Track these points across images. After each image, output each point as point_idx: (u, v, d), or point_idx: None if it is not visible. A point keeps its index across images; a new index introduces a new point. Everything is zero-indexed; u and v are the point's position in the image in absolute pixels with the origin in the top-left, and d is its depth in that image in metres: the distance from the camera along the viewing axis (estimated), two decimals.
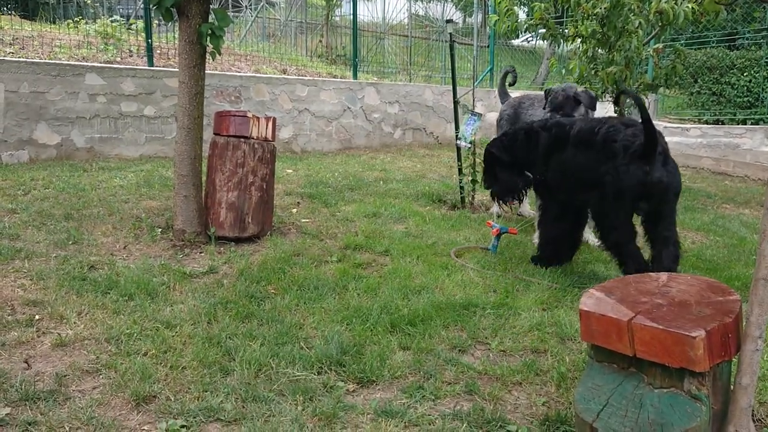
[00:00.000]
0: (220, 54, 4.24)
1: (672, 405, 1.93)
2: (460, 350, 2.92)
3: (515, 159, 4.21)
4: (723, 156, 8.69)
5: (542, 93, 5.47)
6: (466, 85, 9.97)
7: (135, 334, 2.82)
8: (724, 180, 8.39)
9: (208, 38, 4.04)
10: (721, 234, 5.34)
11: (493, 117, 11.50)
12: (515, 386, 2.61)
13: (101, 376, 2.49)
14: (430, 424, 2.27)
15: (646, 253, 3.74)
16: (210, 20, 4.17)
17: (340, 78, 9.90)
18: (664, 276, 2.30)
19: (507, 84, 6.02)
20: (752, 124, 9.11)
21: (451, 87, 6.45)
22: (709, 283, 2.19)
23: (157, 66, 7.76)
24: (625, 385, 2.04)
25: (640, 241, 3.72)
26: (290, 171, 6.92)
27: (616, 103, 4.05)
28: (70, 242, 4.05)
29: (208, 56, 4.23)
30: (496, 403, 2.46)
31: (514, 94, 6.60)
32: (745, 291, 3.85)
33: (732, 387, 1.97)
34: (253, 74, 8.52)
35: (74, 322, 2.94)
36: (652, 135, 3.45)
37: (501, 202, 4.49)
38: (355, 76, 9.90)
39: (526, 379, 2.65)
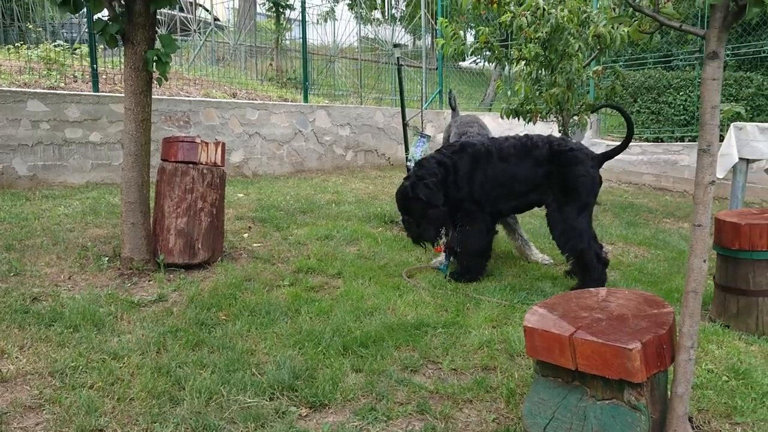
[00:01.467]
0: (166, 80, 4.22)
1: (614, 416, 2.01)
2: (412, 370, 2.94)
3: (447, 194, 4.31)
4: (663, 172, 9.04)
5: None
6: (416, 107, 10.14)
7: (80, 367, 2.75)
8: (665, 195, 8.72)
9: (155, 64, 4.01)
10: (662, 248, 5.55)
11: (440, 139, 11.70)
12: (466, 404, 2.65)
13: (45, 412, 2.42)
14: None
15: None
16: (156, 46, 4.15)
17: (291, 101, 9.92)
18: (603, 291, 2.39)
19: (453, 107, 6.20)
20: (689, 141, 9.52)
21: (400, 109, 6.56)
22: (645, 296, 2.29)
23: (102, 91, 7.64)
24: (570, 399, 2.11)
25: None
26: (241, 195, 6.87)
27: (593, 111, 4.51)
28: (12, 274, 3.93)
29: (154, 82, 4.20)
30: (447, 421, 2.49)
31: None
32: None
33: (669, 396, 2.06)
34: (203, 98, 8.47)
35: (16, 357, 2.85)
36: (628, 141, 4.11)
37: (433, 244, 4.52)
38: (305, 99, 9.94)
39: (476, 396, 2.70)
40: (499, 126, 10.29)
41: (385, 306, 3.74)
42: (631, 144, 10.02)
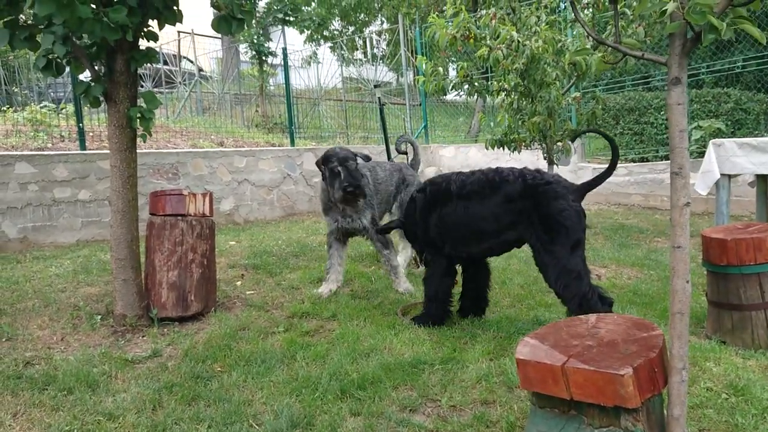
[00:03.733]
0: (150, 135, 4.27)
1: None
2: (410, 410, 2.92)
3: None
4: (651, 191, 9.11)
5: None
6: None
7: (75, 430, 2.71)
8: (654, 214, 8.77)
9: (138, 121, 4.06)
10: (654, 267, 5.57)
11: (429, 172, 11.79)
12: None
13: None
14: None
15: None
16: (139, 103, 4.21)
17: (278, 146, 10.02)
18: (593, 318, 2.39)
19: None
20: None
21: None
22: (633, 320, 2.29)
23: (90, 149, 7.70)
24: (568, 429, 2.10)
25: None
26: (233, 243, 6.88)
27: (572, 139, 4.07)
28: (4, 339, 3.90)
29: (139, 138, 4.24)
30: None
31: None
32: None
33: (666, 419, 2.05)
34: (190, 149, 8.54)
35: (9, 425, 2.81)
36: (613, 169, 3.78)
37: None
38: (292, 143, 10.04)
39: None
40: (486, 156, 10.40)
41: (382, 346, 3.72)
42: (617, 166, 10.14)
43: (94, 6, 3.51)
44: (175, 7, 4.07)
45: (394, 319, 4.23)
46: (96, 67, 4.07)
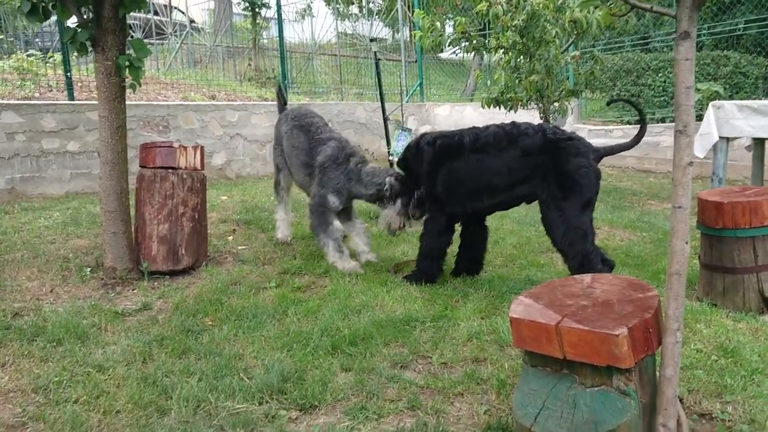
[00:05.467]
0: (140, 85, 4.16)
1: (603, 402, 1.99)
2: (401, 366, 2.93)
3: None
4: (645, 154, 9.07)
5: (301, 106, 5.18)
6: (397, 101, 10.10)
7: (64, 382, 2.70)
8: (648, 177, 8.76)
9: (127, 70, 3.95)
10: (647, 230, 5.56)
11: (425, 130, 11.68)
12: (457, 397, 2.63)
13: (28, 430, 2.38)
14: None
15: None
16: (128, 51, 4.09)
17: (271, 101, 9.85)
18: (588, 278, 2.37)
19: (282, 102, 5.31)
20: (670, 122, 9.55)
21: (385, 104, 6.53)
22: (629, 281, 2.28)
23: (78, 99, 7.54)
24: (559, 387, 2.10)
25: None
26: (225, 198, 6.81)
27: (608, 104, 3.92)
28: None
29: (129, 88, 4.13)
30: (438, 416, 2.47)
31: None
32: None
33: (658, 379, 2.05)
34: (181, 102, 8.38)
35: None
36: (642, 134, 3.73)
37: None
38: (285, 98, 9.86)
39: (467, 389, 2.68)
40: (481, 116, 10.28)
41: (373, 303, 3.71)
42: (612, 127, 10.07)
43: None
44: None
45: (386, 277, 4.21)
46: (83, 13, 3.92)
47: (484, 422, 2.41)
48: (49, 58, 8.74)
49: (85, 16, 3.93)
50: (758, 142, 5.22)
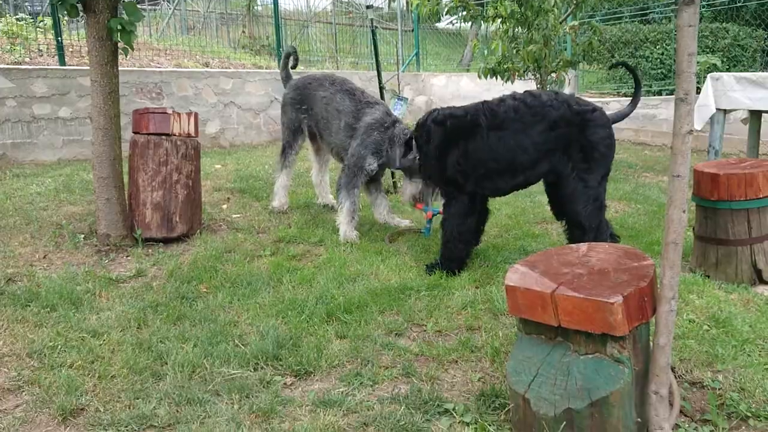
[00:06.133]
0: (132, 50, 4.09)
1: (597, 370, 2.01)
2: (396, 334, 2.94)
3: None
4: (642, 127, 9.04)
5: (330, 73, 5.18)
6: (393, 70, 10.00)
7: (59, 347, 2.70)
8: (644, 150, 8.74)
9: (119, 34, 3.88)
10: (642, 202, 5.57)
11: (421, 100, 11.59)
12: (451, 365, 2.65)
13: (24, 393, 2.38)
14: (368, 410, 2.28)
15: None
16: (120, 15, 4.01)
17: (266, 68, 9.73)
18: (584, 246, 2.37)
19: (290, 66, 5.27)
20: (667, 94, 9.51)
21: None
22: (625, 250, 2.28)
23: (69, 65, 7.42)
24: (553, 355, 2.11)
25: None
26: (219, 166, 6.77)
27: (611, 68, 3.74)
28: None
29: (121, 52, 4.06)
30: (433, 383, 2.49)
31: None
32: None
33: (651, 347, 2.07)
34: (174, 69, 8.27)
35: None
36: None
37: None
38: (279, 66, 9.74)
39: (461, 356, 2.70)
40: (478, 86, 10.21)
41: (368, 271, 3.72)
42: (609, 100, 10.02)
43: None
44: None
45: (382, 246, 4.21)
46: None
47: (478, 389, 2.43)
48: (39, 22, 8.58)
49: None
50: (754, 115, 5.20)
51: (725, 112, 4.53)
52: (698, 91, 5.11)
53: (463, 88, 11.06)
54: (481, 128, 3.56)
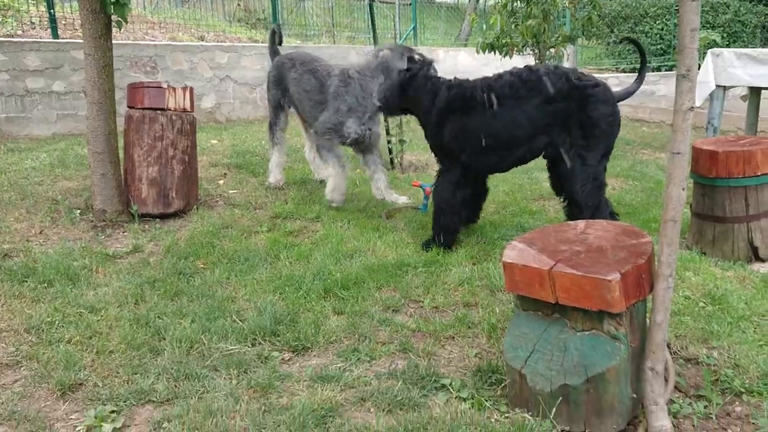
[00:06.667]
0: (126, 23, 4.02)
1: (594, 346, 2.02)
2: (393, 310, 2.95)
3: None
4: (640, 103, 9.00)
5: (303, 52, 5.04)
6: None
7: (57, 322, 2.70)
8: (642, 126, 8.71)
9: (112, 6, 3.81)
10: (639, 179, 5.56)
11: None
12: (448, 341, 2.67)
13: (22, 368, 2.39)
14: (366, 385, 2.30)
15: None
16: None
17: (262, 43, 9.61)
18: (582, 224, 2.37)
19: (276, 43, 5.25)
20: (666, 70, 9.46)
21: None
22: (623, 227, 2.28)
23: (63, 38, 7.32)
24: (550, 331, 2.12)
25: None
26: (215, 141, 6.72)
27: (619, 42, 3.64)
28: None
29: (114, 26, 4.00)
30: (430, 358, 2.50)
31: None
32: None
33: (648, 324, 2.07)
34: (169, 42, 8.16)
35: None
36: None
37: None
38: None
39: (458, 332, 2.71)
40: (476, 61, 10.12)
41: (366, 248, 3.71)
42: (607, 75, 9.94)
43: None
44: None
45: (379, 222, 4.21)
46: None
47: (475, 365, 2.45)
48: None
49: None
50: (754, 92, 5.17)
51: (725, 88, 4.50)
52: (698, 66, 5.05)
53: (461, 63, 10.97)
54: (478, 103, 3.53)
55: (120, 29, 4.04)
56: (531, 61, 7.44)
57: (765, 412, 2.12)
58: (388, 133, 5.91)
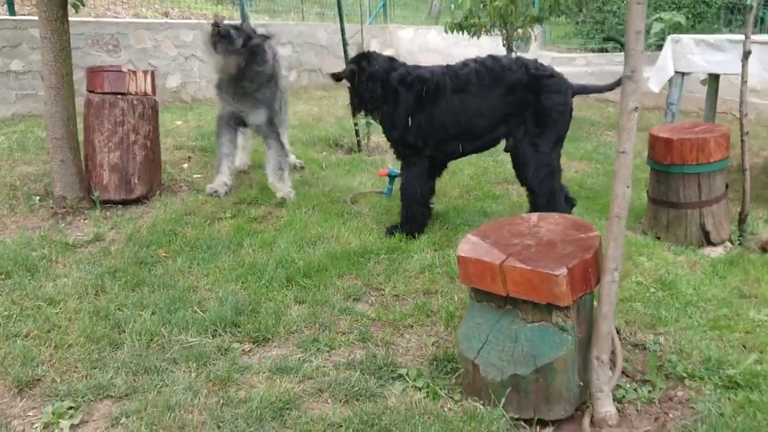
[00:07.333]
0: (83, 5, 3.93)
1: (543, 337, 2.09)
2: (354, 299, 2.99)
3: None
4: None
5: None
6: (358, 22, 9.80)
7: (14, 316, 2.68)
8: (608, 107, 8.81)
9: None
10: (602, 162, 5.66)
11: (387, 54, 11.42)
12: (407, 329, 2.72)
13: None
14: (324, 376, 2.34)
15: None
16: None
17: (229, 19, 9.44)
18: (534, 217, 2.43)
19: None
20: None
21: (346, 25, 6.30)
22: (573, 221, 2.34)
23: (20, 14, 7.10)
24: (502, 322, 2.19)
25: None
26: (180, 122, 6.63)
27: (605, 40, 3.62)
28: None
29: (71, 7, 3.91)
30: (388, 348, 2.56)
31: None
32: None
33: (594, 315, 2.15)
34: (133, 20, 7.98)
35: None
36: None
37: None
38: (243, 17, 9.47)
39: (417, 321, 2.77)
40: (445, 41, 10.08)
41: (329, 234, 3.74)
42: (575, 55, 10.00)
43: None
44: None
45: (343, 207, 4.22)
46: None
47: (432, 353, 2.51)
48: None
49: None
50: (713, 78, 5.28)
51: (683, 74, 4.60)
52: (662, 48, 5.15)
53: (431, 42, 10.93)
54: (445, 91, 3.56)
55: (77, 11, 3.95)
56: (500, 41, 7.46)
57: (705, 397, 2.23)
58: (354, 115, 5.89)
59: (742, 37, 3.61)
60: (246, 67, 4.27)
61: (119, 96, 4.14)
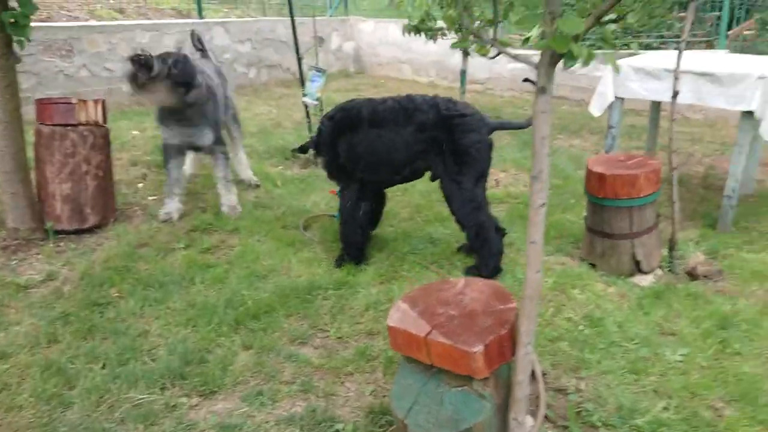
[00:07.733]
0: (30, 41, 3.92)
1: (465, 402, 2.27)
2: (300, 342, 3.13)
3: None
4: (561, 81, 9.28)
5: None
6: (320, 15, 9.78)
7: None
8: (562, 105, 9.02)
9: (11, 27, 3.71)
10: (553, 175, 5.84)
11: (349, 47, 11.43)
12: (348, 377, 2.88)
13: None
14: None
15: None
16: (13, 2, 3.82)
17: (186, 15, 9.35)
18: (461, 282, 2.59)
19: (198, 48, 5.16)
20: (588, 46, 9.71)
21: (304, 19, 6.31)
22: (495, 289, 2.50)
23: None
24: (429, 385, 2.36)
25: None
26: (136, 133, 6.63)
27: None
28: None
29: (16, 45, 3.90)
30: (328, 399, 2.71)
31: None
32: (558, 239, 4.34)
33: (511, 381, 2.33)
34: (85, 24, 7.86)
35: None
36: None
37: None
38: (200, 14, 9.38)
39: (357, 368, 2.93)
40: (404, 39, 10.13)
41: (280, 266, 3.87)
42: (531, 53, 10.13)
43: None
44: None
45: (295, 235, 4.34)
46: None
47: (369, 404, 2.68)
48: None
49: None
50: (653, 105, 5.49)
51: (622, 100, 4.78)
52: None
53: (391, 35, 10.96)
54: (364, 123, 3.82)
55: (22, 48, 3.93)
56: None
57: None
58: (310, 130, 5.98)
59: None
60: (176, 95, 4.27)
61: (69, 127, 4.17)
